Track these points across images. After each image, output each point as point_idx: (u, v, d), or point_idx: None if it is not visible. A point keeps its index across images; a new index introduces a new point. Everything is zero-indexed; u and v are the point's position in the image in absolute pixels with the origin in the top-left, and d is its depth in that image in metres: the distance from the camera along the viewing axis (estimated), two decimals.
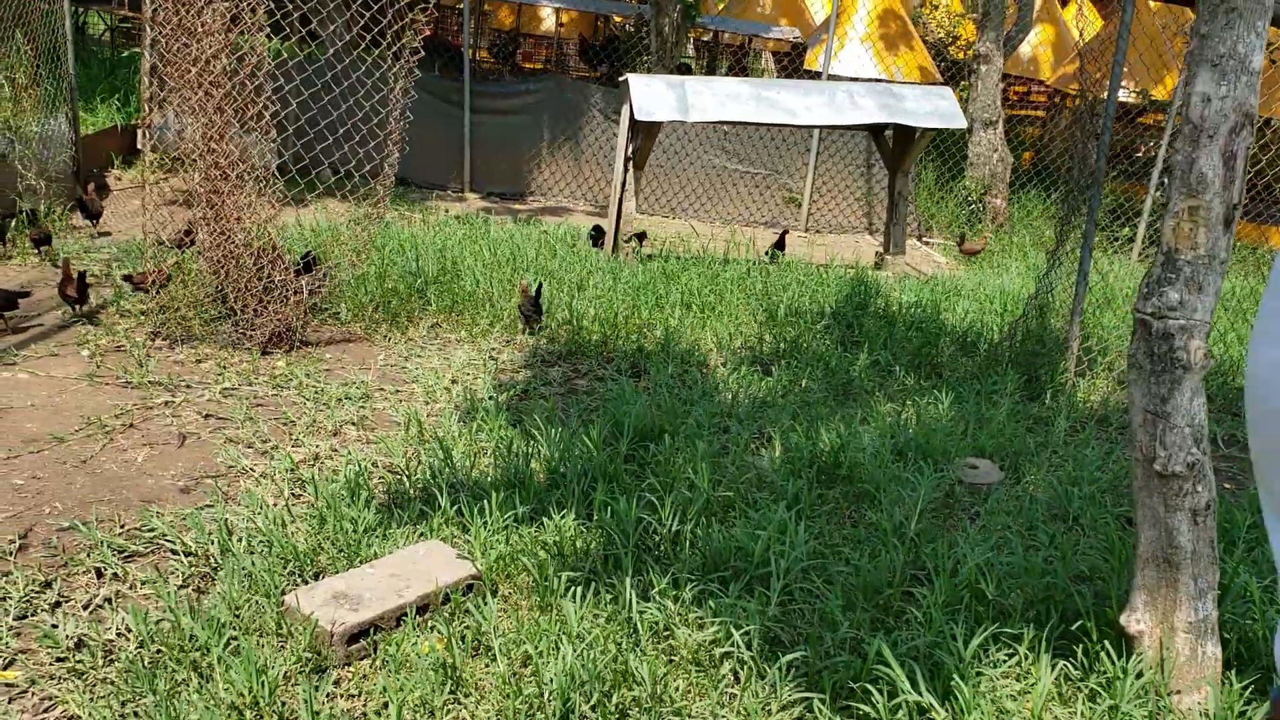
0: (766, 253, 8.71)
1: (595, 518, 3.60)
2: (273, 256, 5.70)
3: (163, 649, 2.86)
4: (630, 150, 8.09)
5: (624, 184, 8.13)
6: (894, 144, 9.04)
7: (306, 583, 3.22)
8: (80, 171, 8.70)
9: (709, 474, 3.85)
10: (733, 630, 2.94)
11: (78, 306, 5.75)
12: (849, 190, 11.39)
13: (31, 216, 7.32)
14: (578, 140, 11.45)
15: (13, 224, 7.13)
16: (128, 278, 6.01)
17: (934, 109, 8.15)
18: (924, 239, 11.01)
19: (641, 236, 8.26)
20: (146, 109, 6.55)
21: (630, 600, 3.03)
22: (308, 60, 6.99)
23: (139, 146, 9.87)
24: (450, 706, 2.72)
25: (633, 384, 5.20)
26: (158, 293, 5.65)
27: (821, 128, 10.45)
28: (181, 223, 6.31)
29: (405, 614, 3.01)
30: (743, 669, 2.90)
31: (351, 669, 2.88)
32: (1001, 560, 3.45)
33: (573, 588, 3.13)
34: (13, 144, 7.78)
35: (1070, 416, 5.22)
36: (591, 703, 2.68)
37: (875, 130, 9.07)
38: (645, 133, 8.04)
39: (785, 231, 9.39)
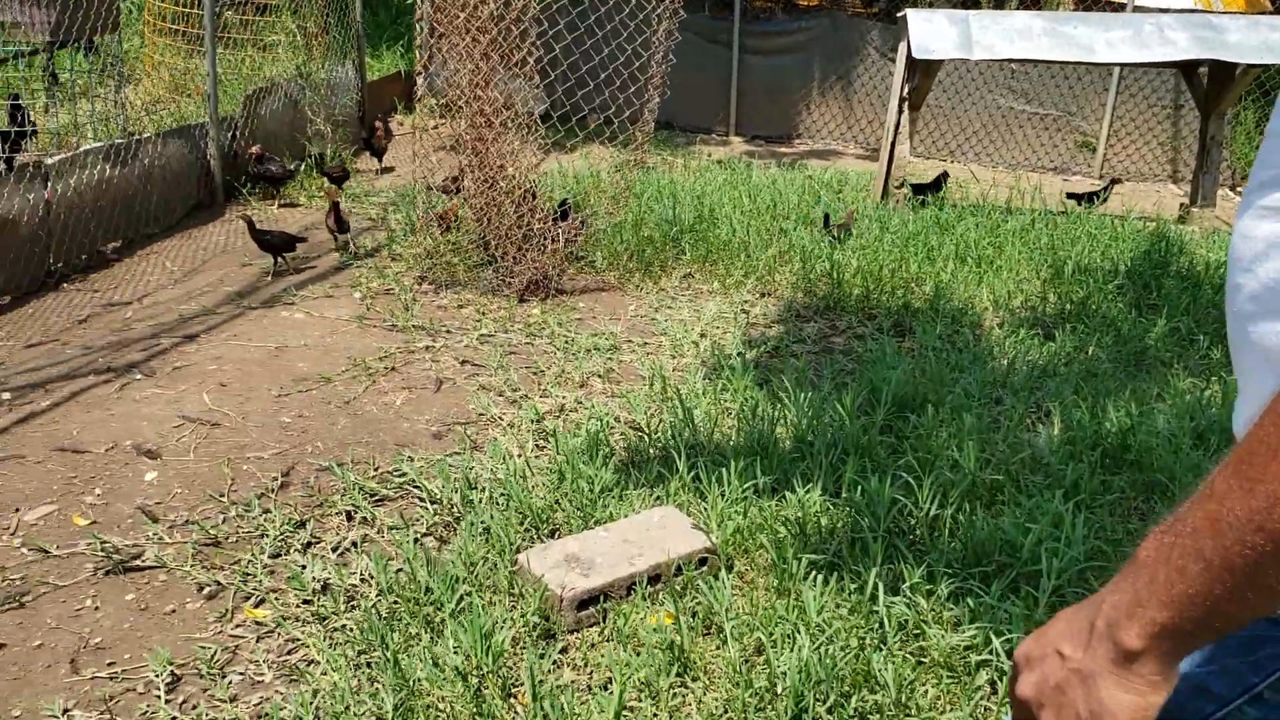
0: (1084, 198, 7.85)
1: (844, 495, 3.33)
2: (531, 205, 5.71)
3: (399, 600, 2.87)
4: (906, 90, 7.58)
5: (897, 126, 7.63)
6: (1209, 82, 8.00)
7: (541, 541, 3.16)
8: (365, 117, 9.16)
9: (976, 452, 3.48)
10: (992, 636, 2.61)
11: (338, 236, 6.11)
12: (1151, 134, 10.26)
13: (319, 160, 7.75)
14: (850, 80, 10.93)
15: (301, 168, 7.57)
16: (442, 188, 6.33)
17: (1262, 42, 7.10)
18: (1239, 190, 9.77)
19: (939, 182, 7.69)
20: (419, 55, 6.73)
21: (877, 592, 2.76)
22: (573, 3, 6.93)
23: (414, 92, 10.30)
24: (676, 690, 2.56)
25: (895, 345, 4.84)
26: (447, 231, 5.86)
27: (1123, 65, 9.42)
28: (452, 169, 6.46)
29: (636, 584, 2.88)
30: (1001, 680, 2.57)
31: (579, 637, 2.78)
32: None
33: (814, 572, 2.89)
34: (303, 90, 8.25)
35: None
36: (827, 704, 2.45)
37: (1187, 67, 8.05)
38: (923, 71, 7.50)
39: (1113, 180, 8.36)
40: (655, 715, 2.47)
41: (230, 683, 2.63)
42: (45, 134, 7.20)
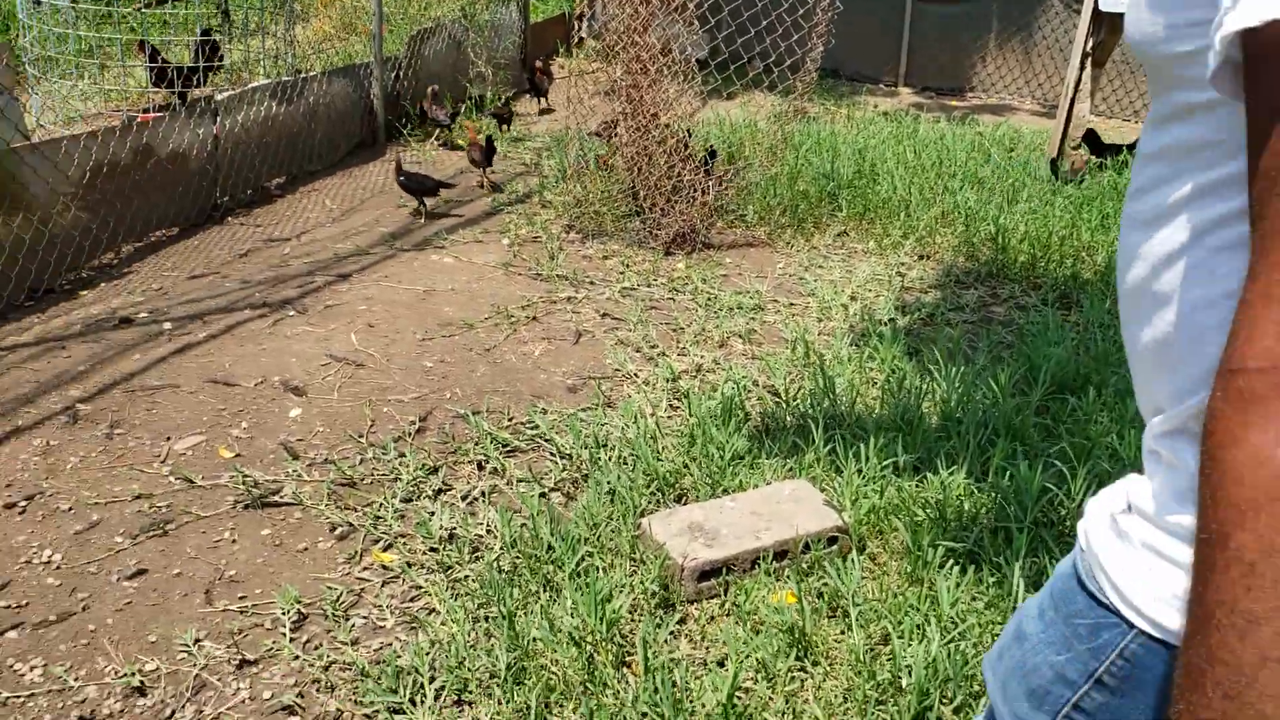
0: None
1: (990, 479, 3.13)
2: (684, 155, 5.59)
3: (521, 556, 2.85)
4: (1090, 45, 7.07)
5: (1078, 83, 7.13)
6: None
7: (666, 506, 3.09)
8: (527, 59, 9.16)
9: (1138, 442, 3.21)
10: None
11: (482, 169, 6.20)
12: None
13: (479, 102, 7.80)
14: (1030, 32, 10.30)
15: (462, 109, 7.64)
16: (595, 133, 6.40)
17: None
18: None
19: (1120, 146, 7.24)
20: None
21: (1018, 588, 2.58)
22: None
23: (573, 36, 10.26)
24: (794, 674, 2.47)
25: (1059, 318, 4.54)
26: (608, 141, 5.88)
27: None
28: (607, 115, 6.39)
29: (760, 558, 2.79)
30: None
31: (698, 609, 2.71)
32: None
33: (950, 561, 2.74)
34: (467, 31, 8.30)
35: None
36: (954, 704, 2.31)
37: None
38: (1109, 26, 6.97)
39: None
40: (770, 699, 2.38)
41: (353, 625, 2.67)
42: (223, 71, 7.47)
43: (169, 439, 3.49)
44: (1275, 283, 0.65)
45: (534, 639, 2.51)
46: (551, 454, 3.47)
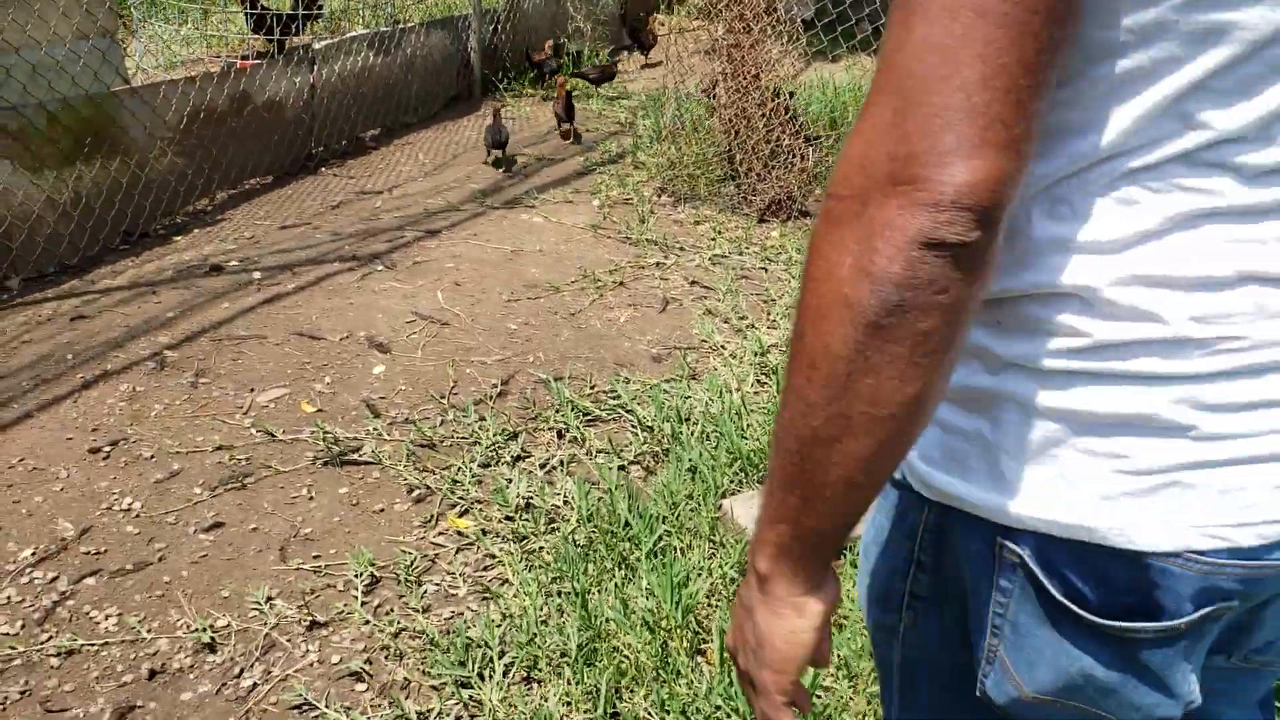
0: None
1: None
2: (785, 119, 5.41)
3: (597, 531, 2.77)
4: None
5: None
6: None
7: (750, 488, 2.98)
8: (626, 15, 9.00)
9: None
10: None
11: (563, 124, 6.19)
12: None
13: (575, 59, 7.68)
14: None
15: (560, 65, 7.53)
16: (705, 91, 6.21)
17: None
18: None
19: None
20: None
21: None
22: None
23: None
24: (877, 675, 2.34)
25: None
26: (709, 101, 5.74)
27: None
28: (706, 75, 6.22)
29: (847, 549, 2.66)
30: None
31: None
32: None
33: None
34: None
35: None
36: None
37: None
38: None
39: None
40: (851, 699, 2.27)
41: (425, 592, 2.63)
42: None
43: (252, 390, 3.49)
44: (864, 117, 0.69)
45: (607, 619, 2.43)
46: (633, 425, 3.37)
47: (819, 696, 2.27)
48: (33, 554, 2.70)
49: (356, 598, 2.59)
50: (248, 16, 6.65)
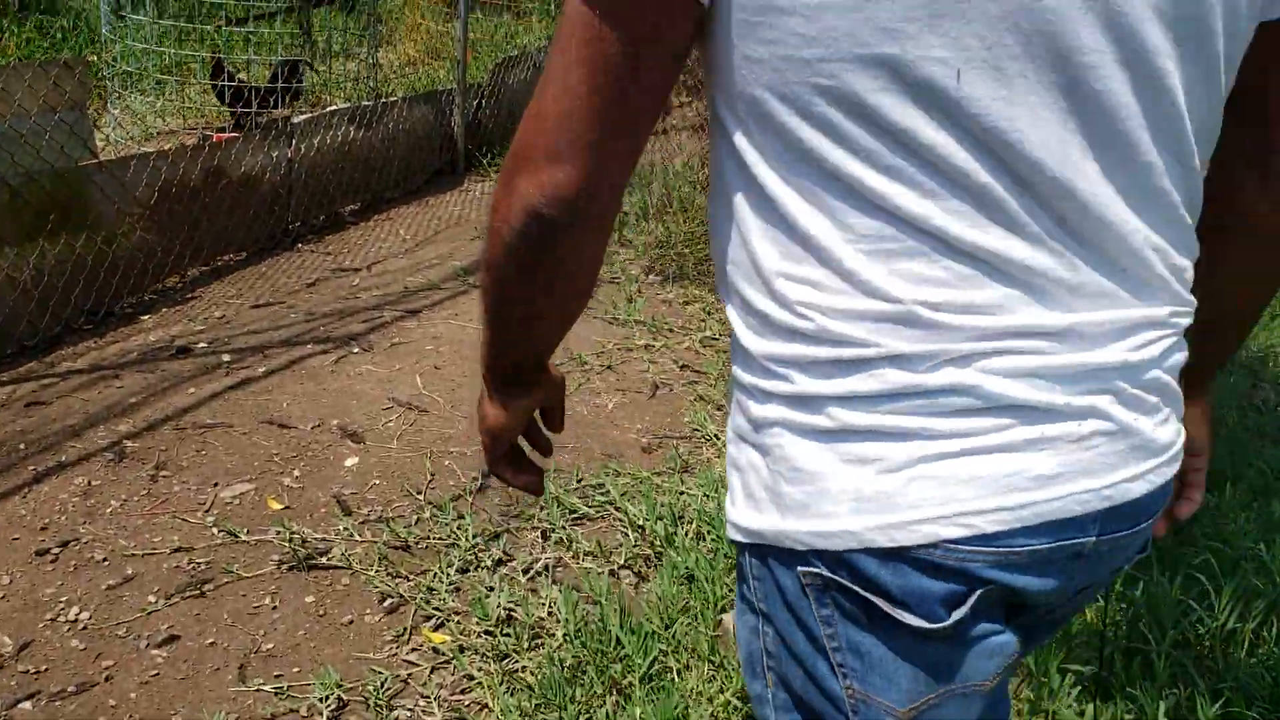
0: None
1: (1116, 588, 2.76)
2: None
3: (584, 649, 2.56)
4: None
5: None
6: None
7: None
8: None
9: None
10: None
11: None
12: None
13: None
14: None
15: None
16: None
17: None
18: None
19: None
20: None
21: None
22: None
23: None
24: None
25: None
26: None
27: None
28: (694, 152, 6.13)
29: None
30: None
31: None
32: None
33: (1078, 688, 2.38)
34: None
35: None
36: None
37: None
38: None
39: None
40: None
41: (397, 719, 2.40)
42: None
43: (216, 485, 3.27)
44: (529, 107, 0.87)
45: None
46: (623, 525, 3.17)
47: None
48: None
49: None
50: (224, 90, 6.53)
